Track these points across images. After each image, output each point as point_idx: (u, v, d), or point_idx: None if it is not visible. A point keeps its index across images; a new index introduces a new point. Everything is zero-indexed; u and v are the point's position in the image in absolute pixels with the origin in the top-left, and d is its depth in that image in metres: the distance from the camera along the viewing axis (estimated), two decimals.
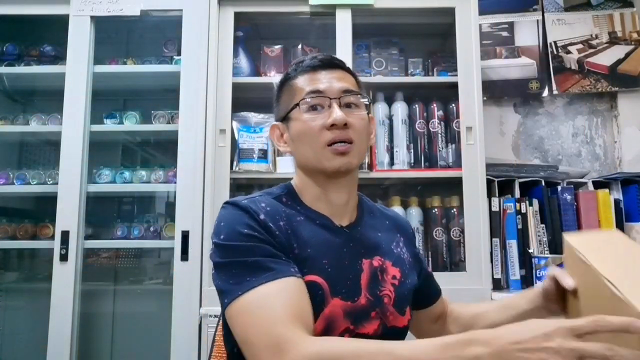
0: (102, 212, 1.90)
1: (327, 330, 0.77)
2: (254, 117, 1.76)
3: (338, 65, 0.90)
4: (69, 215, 1.62)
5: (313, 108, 0.85)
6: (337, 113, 0.82)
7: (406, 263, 0.92)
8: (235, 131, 1.71)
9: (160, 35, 1.90)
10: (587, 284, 0.70)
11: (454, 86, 1.68)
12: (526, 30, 2.02)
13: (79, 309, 1.61)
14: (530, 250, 1.63)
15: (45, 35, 1.92)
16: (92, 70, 1.72)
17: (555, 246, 1.64)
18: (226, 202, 0.82)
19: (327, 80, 0.86)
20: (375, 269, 0.85)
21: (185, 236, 1.59)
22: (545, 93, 1.99)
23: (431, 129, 1.77)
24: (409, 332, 0.91)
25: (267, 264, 0.72)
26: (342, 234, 0.86)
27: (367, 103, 0.90)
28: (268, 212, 0.79)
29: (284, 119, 0.89)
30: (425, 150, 1.77)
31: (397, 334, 0.86)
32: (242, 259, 0.73)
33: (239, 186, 1.77)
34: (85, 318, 1.65)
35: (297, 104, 0.85)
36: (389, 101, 1.80)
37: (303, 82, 0.87)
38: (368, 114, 0.90)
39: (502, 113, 2.02)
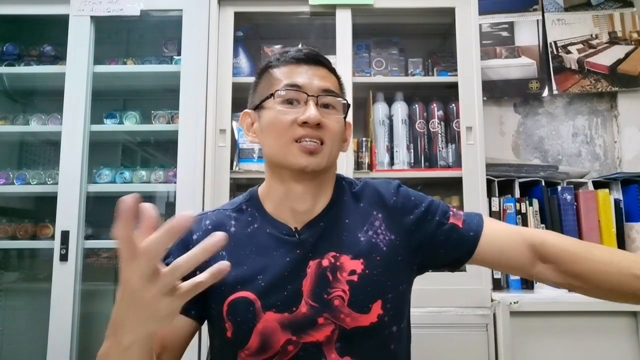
0: (102, 212, 1.88)
1: (264, 344, 0.78)
2: None
3: (322, 63, 0.86)
4: (69, 215, 1.62)
5: (289, 102, 0.82)
6: (311, 111, 0.79)
7: (381, 246, 0.83)
8: (235, 131, 1.71)
9: (160, 35, 1.90)
10: None
11: (454, 86, 1.68)
12: (526, 30, 2.02)
13: (79, 309, 1.61)
14: None
15: (45, 35, 1.91)
16: (92, 70, 1.72)
17: None
18: None
19: (308, 76, 0.83)
20: (324, 270, 0.80)
21: None
22: (545, 93, 1.99)
23: (431, 129, 1.77)
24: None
25: None
26: (290, 242, 0.83)
27: (347, 106, 0.87)
28: (207, 231, 0.82)
29: (257, 107, 0.86)
30: (425, 150, 1.77)
31: (362, 335, 0.79)
32: None
33: (239, 186, 1.77)
34: (85, 318, 1.64)
35: (272, 94, 0.82)
36: (389, 101, 1.80)
37: (283, 73, 0.84)
38: (345, 118, 0.87)
39: (502, 113, 2.02)
